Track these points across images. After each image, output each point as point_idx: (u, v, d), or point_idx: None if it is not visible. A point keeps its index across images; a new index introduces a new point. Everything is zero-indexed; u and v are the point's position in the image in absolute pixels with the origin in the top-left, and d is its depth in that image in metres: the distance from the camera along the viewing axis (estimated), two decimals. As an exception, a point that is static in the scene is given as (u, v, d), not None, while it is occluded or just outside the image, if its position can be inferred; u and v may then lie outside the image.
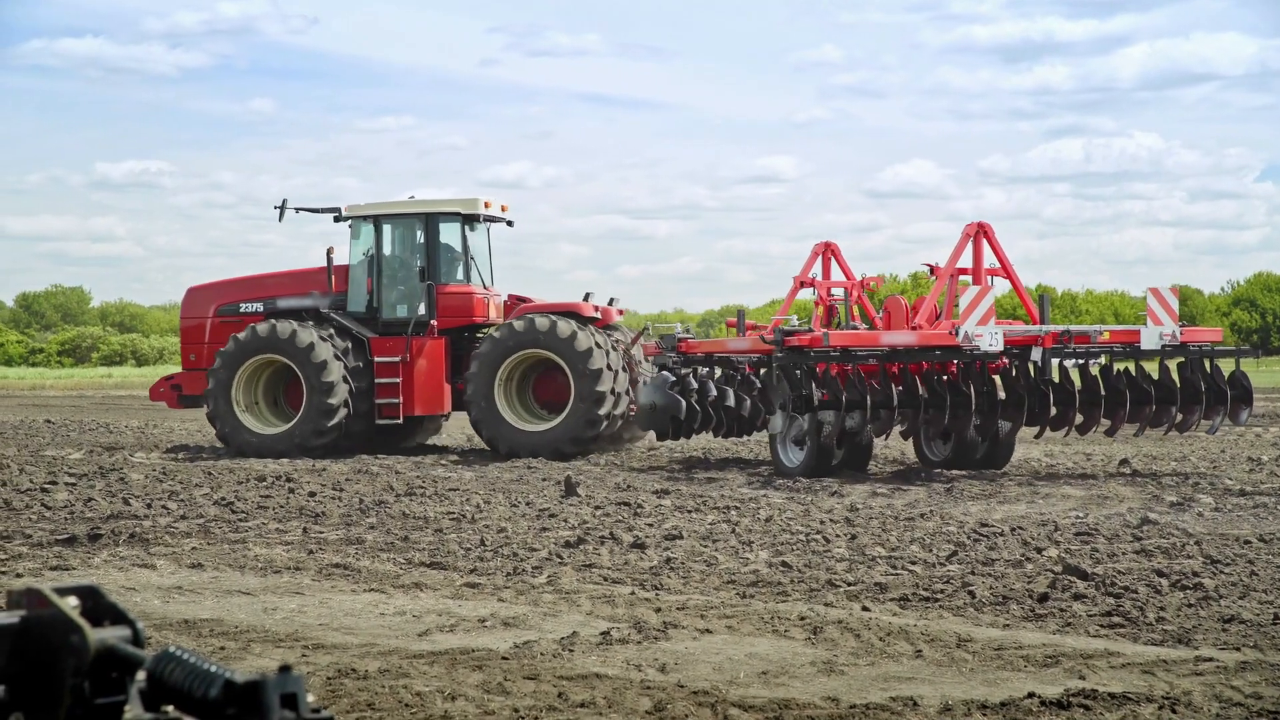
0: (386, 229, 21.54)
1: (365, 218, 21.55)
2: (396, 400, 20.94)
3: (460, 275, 21.62)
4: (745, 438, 20.85)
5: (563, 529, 12.49)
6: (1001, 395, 16.69)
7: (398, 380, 20.96)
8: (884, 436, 17.46)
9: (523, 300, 22.12)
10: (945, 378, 16.98)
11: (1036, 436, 18.00)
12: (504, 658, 7.45)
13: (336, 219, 21.76)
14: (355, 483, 16.50)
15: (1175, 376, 16.80)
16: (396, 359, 20.99)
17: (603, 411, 20.13)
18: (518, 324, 20.52)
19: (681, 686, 6.85)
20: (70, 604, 1.99)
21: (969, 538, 11.68)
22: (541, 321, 20.40)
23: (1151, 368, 17.56)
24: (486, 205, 21.64)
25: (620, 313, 21.88)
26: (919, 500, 14.72)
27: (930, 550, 11.08)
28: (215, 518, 13.39)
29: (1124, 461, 18.35)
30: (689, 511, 13.67)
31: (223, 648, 7.87)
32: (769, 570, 10.27)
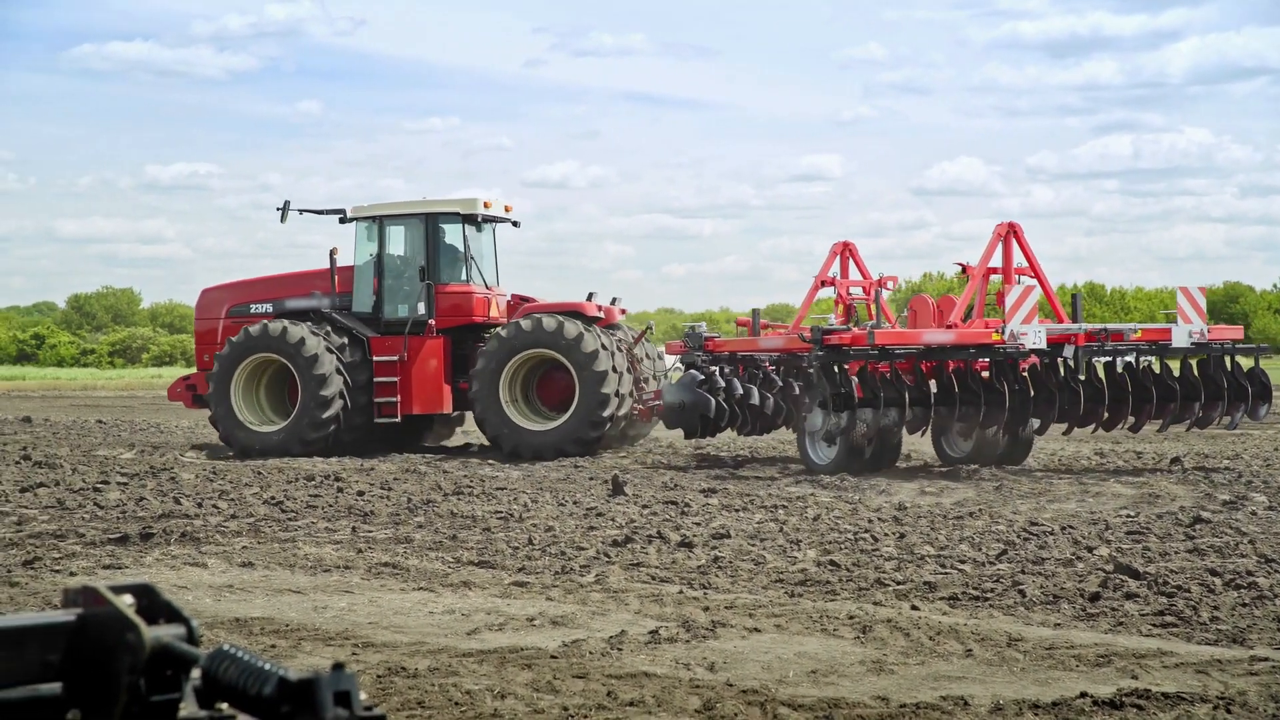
0: (389, 230, 21.80)
1: (368, 218, 21.82)
2: (394, 399, 21.13)
3: (461, 275, 21.75)
4: (764, 435, 20.86)
5: (610, 528, 12.50)
6: (1031, 393, 16.84)
7: (395, 379, 21.16)
8: (920, 434, 17.67)
9: (526, 300, 22.25)
10: (984, 375, 17.06)
11: (1065, 433, 18.13)
12: (553, 656, 7.46)
13: (342, 220, 22.05)
14: (403, 482, 16.57)
15: (1197, 374, 17.21)
16: (394, 358, 21.21)
17: (606, 413, 20.21)
18: (525, 323, 20.65)
19: (730, 685, 6.84)
20: (126, 602, 2.00)
21: (1019, 536, 11.61)
22: (549, 322, 20.52)
23: (1171, 364, 17.87)
24: (487, 205, 21.78)
25: (623, 312, 22.02)
26: (968, 499, 14.64)
27: (980, 549, 11.02)
28: (265, 517, 13.47)
29: (1175, 460, 18.18)
30: (736, 510, 13.65)
31: (274, 646, 7.92)
32: (817, 569, 10.24)
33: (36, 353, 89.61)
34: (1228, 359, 17.39)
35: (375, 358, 21.25)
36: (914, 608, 8.78)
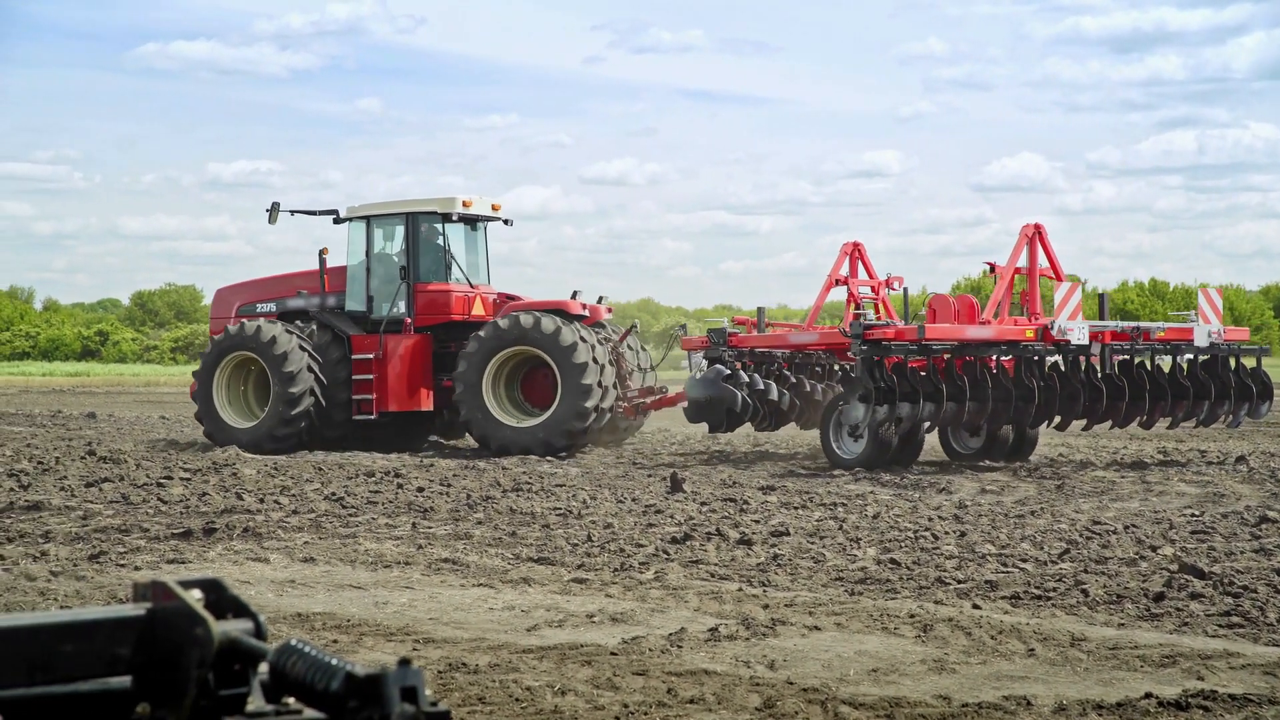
0: (376, 230, 22.13)
1: (358, 218, 22.17)
2: (370, 396, 21.38)
3: (441, 274, 21.97)
4: (776, 431, 20.98)
5: (669, 525, 12.49)
6: (1059, 390, 17.33)
7: (371, 377, 21.40)
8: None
9: (512, 298, 22.39)
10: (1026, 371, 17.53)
11: (1085, 429, 18.54)
12: (612, 653, 7.46)
13: (336, 220, 22.43)
14: (462, 478, 16.63)
15: (1204, 373, 18.04)
16: (371, 356, 21.46)
17: (589, 404, 20.28)
18: (503, 322, 20.84)
19: (791, 683, 6.81)
20: (194, 597, 2.01)
21: (1081, 535, 11.51)
22: (526, 319, 20.67)
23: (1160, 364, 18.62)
24: (466, 204, 21.93)
25: (609, 310, 22.19)
26: (1029, 497, 14.54)
27: (1041, 548, 10.94)
28: (326, 512, 13.56)
29: (1240, 459, 17.98)
30: (795, 508, 13.61)
31: (335, 641, 7.96)
32: (877, 567, 10.19)
33: (101, 349, 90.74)
34: (1232, 359, 18.15)
35: (354, 356, 21.59)
36: (975, 606, 8.72)
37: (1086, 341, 17.22)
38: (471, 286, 22.16)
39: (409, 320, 21.61)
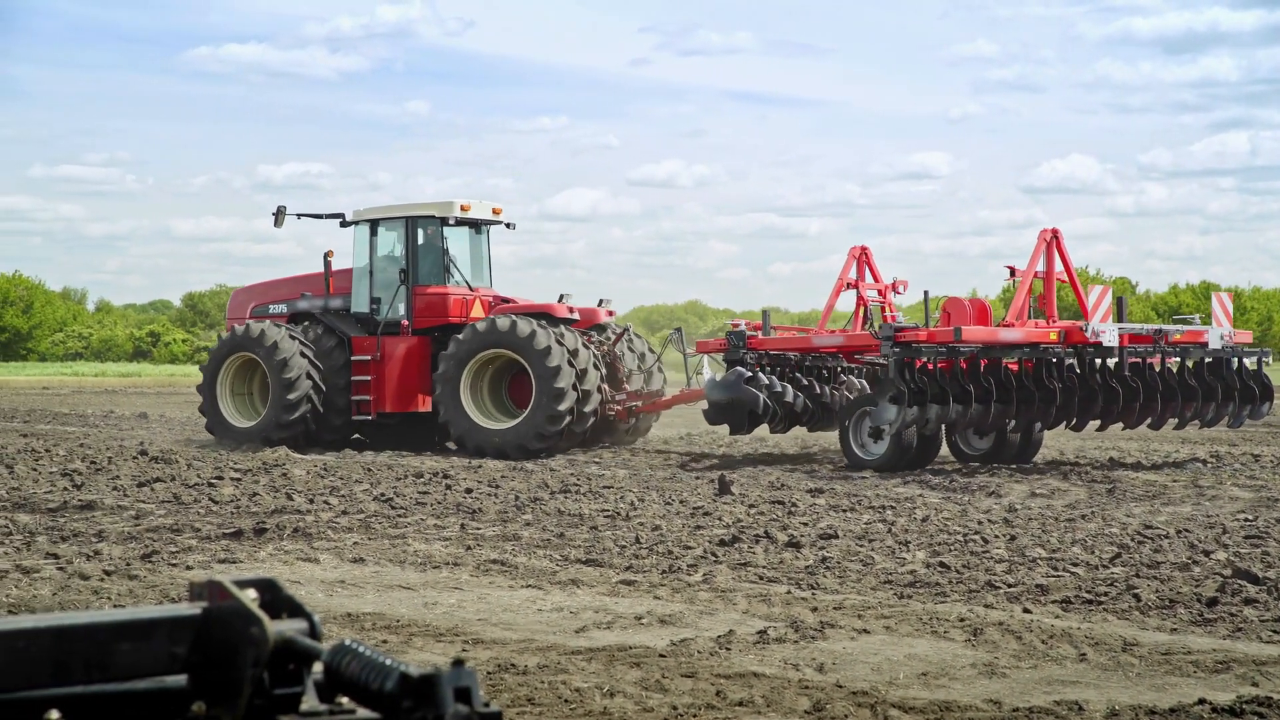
0: (379, 233, 22.47)
1: (363, 222, 22.56)
2: (367, 397, 21.70)
3: (440, 277, 22.25)
4: (786, 433, 21.16)
5: (717, 527, 12.48)
6: (1079, 391, 17.69)
7: (369, 378, 21.71)
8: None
9: (507, 301, 22.57)
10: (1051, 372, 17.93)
11: (1099, 429, 18.78)
12: (661, 655, 7.45)
13: (342, 224, 22.85)
14: (510, 480, 16.67)
15: (1209, 374, 18.43)
16: (369, 358, 21.78)
17: (563, 407, 20.32)
18: (481, 325, 21.04)
19: (840, 686, 6.79)
20: (250, 596, 2.02)
21: (1133, 540, 11.41)
22: (502, 321, 20.86)
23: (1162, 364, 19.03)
24: (464, 209, 22.19)
25: (610, 314, 22.38)
26: (1079, 501, 14.44)
27: (1093, 552, 10.85)
28: (375, 513, 13.62)
29: (1295, 462, 17.80)
30: (844, 511, 13.57)
31: (385, 641, 8.00)
32: (926, 571, 10.14)
33: (152, 350, 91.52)
34: (1235, 360, 18.62)
35: (354, 357, 21.92)
36: (1026, 610, 8.67)
37: (1117, 344, 17.64)
38: (471, 290, 22.45)
39: (406, 322, 21.97)
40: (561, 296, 21.99)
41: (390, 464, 18.94)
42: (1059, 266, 19.28)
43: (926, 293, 20.30)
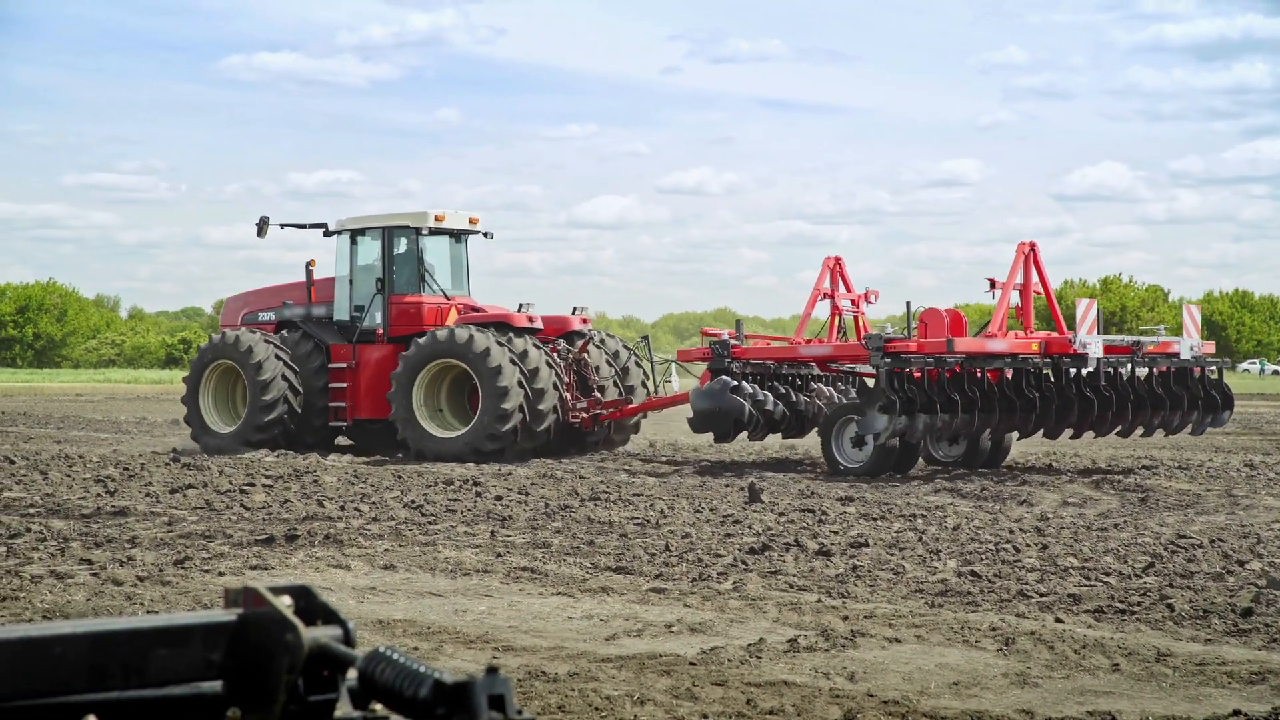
0: (359, 242, 22.90)
1: (344, 232, 23.03)
2: (343, 404, 22.23)
3: (415, 285, 22.60)
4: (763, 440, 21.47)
5: (747, 535, 12.46)
6: (1056, 401, 18.29)
7: (344, 385, 22.19)
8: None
9: (477, 310, 22.85)
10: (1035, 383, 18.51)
11: (1073, 437, 19.11)
12: (691, 663, 7.45)
13: (326, 234, 23.31)
14: (540, 487, 16.68)
15: (1173, 384, 19.06)
16: (345, 365, 22.26)
17: (508, 406, 20.54)
18: (423, 338, 21.44)
19: (871, 696, 6.77)
20: (285, 603, 2.02)
21: (1166, 549, 11.35)
22: (442, 332, 21.22)
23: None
24: (439, 219, 22.60)
25: (584, 321, 22.68)
26: (1112, 510, 14.37)
27: (1125, 561, 10.80)
28: (406, 520, 13.64)
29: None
30: (874, 519, 13.53)
31: (416, 648, 8.01)
32: (958, 580, 10.10)
33: (184, 356, 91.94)
34: (1198, 370, 19.34)
35: (330, 364, 22.40)
36: (1058, 620, 8.63)
37: (1101, 356, 18.29)
38: (447, 298, 22.76)
39: (381, 330, 22.38)
40: (521, 306, 22.38)
41: (420, 471, 18.98)
42: (1035, 279, 19.89)
43: (909, 304, 20.58)
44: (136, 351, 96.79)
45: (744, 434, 20.01)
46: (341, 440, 23.40)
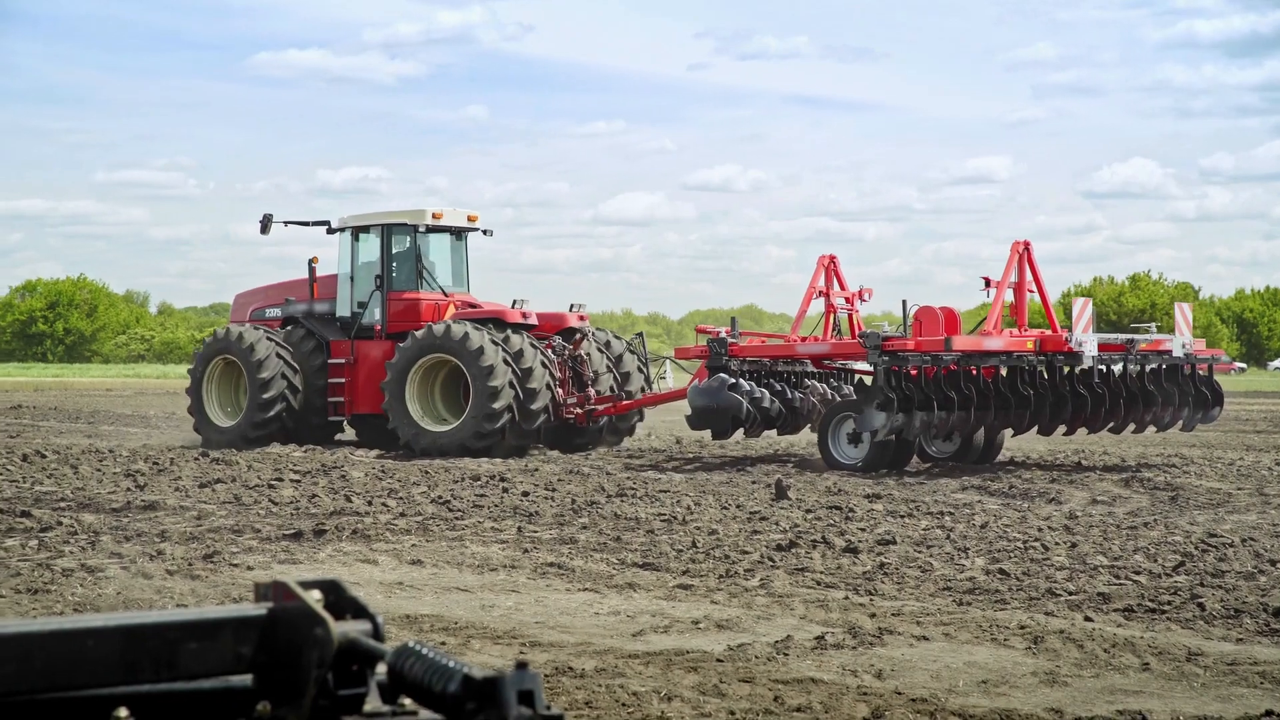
0: (360, 240, 23.13)
1: (346, 229, 23.28)
2: (341, 399, 22.49)
3: (413, 282, 22.79)
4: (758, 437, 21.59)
5: (774, 532, 12.44)
6: (1051, 398, 18.46)
7: (343, 380, 22.44)
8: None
9: (474, 306, 22.97)
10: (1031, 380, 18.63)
11: (1066, 434, 19.58)
12: (718, 660, 7.44)
13: (328, 231, 23.57)
14: (567, 483, 16.69)
15: (1164, 381, 19.23)
16: (344, 361, 22.49)
17: (498, 405, 20.68)
18: (419, 332, 21.57)
19: (899, 693, 6.75)
20: (315, 597, 2.02)
21: (1196, 548, 11.28)
22: (438, 327, 21.36)
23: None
24: (436, 216, 22.82)
25: (581, 318, 22.77)
26: (1142, 508, 14.30)
27: (1155, 560, 10.74)
28: (433, 515, 13.67)
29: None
30: (902, 516, 13.49)
31: (443, 643, 8.02)
32: (986, 578, 10.07)
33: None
34: (1188, 368, 19.47)
35: (330, 360, 22.63)
36: (1088, 619, 8.59)
37: (1096, 354, 18.38)
38: (445, 295, 22.90)
39: (378, 327, 22.55)
40: (515, 301, 22.54)
41: (448, 467, 19.02)
42: (1029, 277, 20.02)
43: (905, 302, 20.63)
44: (166, 347, 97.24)
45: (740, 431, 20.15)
46: (340, 436, 23.54)
